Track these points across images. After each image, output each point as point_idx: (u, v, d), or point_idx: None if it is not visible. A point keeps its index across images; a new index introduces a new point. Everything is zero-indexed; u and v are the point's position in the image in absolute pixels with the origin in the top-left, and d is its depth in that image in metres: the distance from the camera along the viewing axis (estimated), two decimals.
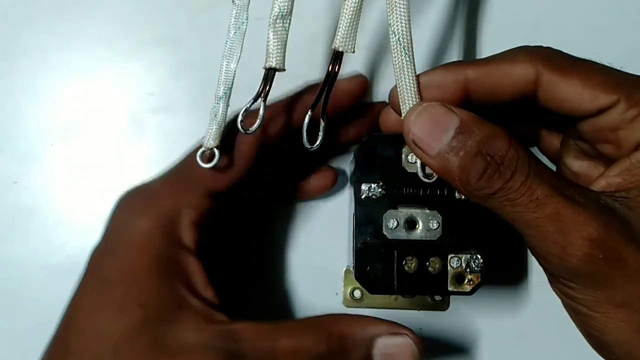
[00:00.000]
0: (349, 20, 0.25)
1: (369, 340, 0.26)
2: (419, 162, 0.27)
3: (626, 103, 0.24)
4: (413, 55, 0.25)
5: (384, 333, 0.26)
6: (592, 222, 0.22)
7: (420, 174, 0.27)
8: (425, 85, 0.26)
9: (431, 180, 0.26)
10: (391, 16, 0.25)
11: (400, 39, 0.25)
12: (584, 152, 0.27)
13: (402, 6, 0.25)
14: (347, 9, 0.25)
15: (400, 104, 0.26)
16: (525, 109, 0.27)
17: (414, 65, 0.25)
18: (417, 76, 0.26)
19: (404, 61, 0.25)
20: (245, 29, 0.26)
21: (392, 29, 0.25)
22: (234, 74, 0.26)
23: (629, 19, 0.34)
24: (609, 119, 0.25)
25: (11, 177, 0.34)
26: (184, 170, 0.28)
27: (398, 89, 0.26)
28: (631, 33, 0.34)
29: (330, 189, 0.33)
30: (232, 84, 0.26)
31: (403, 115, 0.25)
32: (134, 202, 0.27)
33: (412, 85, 0.25)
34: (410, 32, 0.25)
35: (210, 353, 0.24)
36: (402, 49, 0.25)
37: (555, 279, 0.24)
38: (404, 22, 0.25)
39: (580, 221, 0.23)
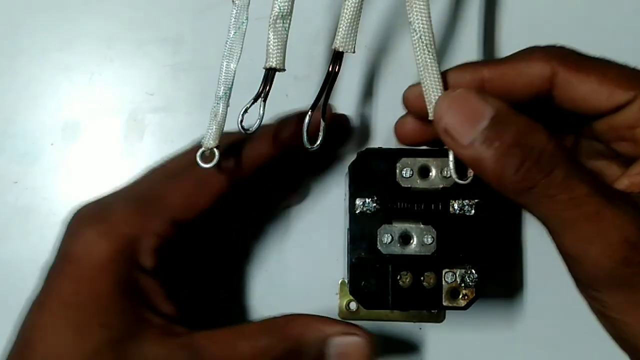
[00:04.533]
0: (349, 20, 0.25)
1: (323, 341, 0.26)
2: (451, 163, 0.25)
3: None
4: (436, 52, 0.24)
5: (338, 333, 0.26)
6: (631, 225, 0.22)
7: (454, 176, 0.25)
8: None
9: (466, 182, 0.25)
10: (411, 14, 0.24)
11: (422, 37, 0.24)
12: (598, 152, 0.27)
13: (422, 3, 0.24)
14: (347, 9, 0.25)
15: (427, 103, 0.25)
16: (536, 112, 0.26)
17: (438, 63, 0.25)
18: (443, 73, 0.25)
19: (427, 59, 0.24)
20: (245, 29, 0.26)
21: (413, 27, 0.24)
22: (234, 74, 0.26)
23: None
24: (626, 116, 0.24)
25: (11, 177, 0.34)
26: (149, 197, 0.27)
27: (423, 88, 0.25)
28: None
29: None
30: (232, 84, 0.26)
31: (430, 114, 0.25)
32: (93, 225, 0.26)
33: (437, 82, 0.25)
34: (432, 28, 0.24)
35: None
36: (425, 47, 0.24)
37: (583, 283, 0.23)
38: (424, 19, 0.24)
39: (618, 223, 0.22)
